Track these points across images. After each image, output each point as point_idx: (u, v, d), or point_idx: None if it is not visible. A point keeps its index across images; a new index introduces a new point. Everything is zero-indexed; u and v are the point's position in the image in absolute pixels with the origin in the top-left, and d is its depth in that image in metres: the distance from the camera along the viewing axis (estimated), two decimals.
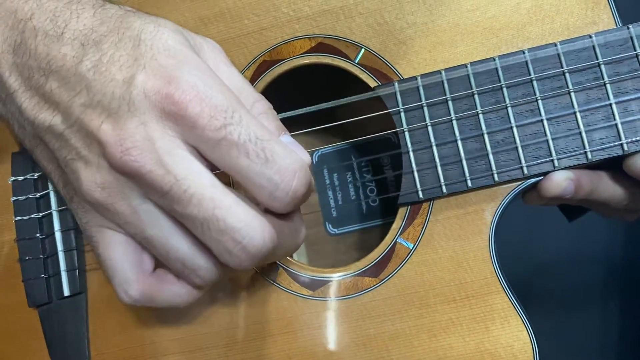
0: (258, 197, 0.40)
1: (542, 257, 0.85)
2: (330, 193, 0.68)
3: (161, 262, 0.44)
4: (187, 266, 0.42)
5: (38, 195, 0.58)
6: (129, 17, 0.41)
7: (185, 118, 0.38)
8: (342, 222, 0.68)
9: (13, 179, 0.58)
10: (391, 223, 0.54)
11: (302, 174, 0.40)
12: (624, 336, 0.83)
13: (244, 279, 0.55)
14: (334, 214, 0.68)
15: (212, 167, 0.41)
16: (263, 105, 0.44)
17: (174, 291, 0.44)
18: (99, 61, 0.40)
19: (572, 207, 0.62)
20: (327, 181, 0.68)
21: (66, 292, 0.57)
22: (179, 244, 0.41)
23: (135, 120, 0.39)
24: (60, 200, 0.58)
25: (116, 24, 0.41)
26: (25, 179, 0.58)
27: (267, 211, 0.42)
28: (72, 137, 0.41)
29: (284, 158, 0.39)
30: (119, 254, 0.44)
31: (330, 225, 0.68)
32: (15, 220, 0.58)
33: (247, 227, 0.39)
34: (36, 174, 0.58)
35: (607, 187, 0.53)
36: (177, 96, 0.38)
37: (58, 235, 0.57)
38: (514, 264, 0.54)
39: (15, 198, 0.58)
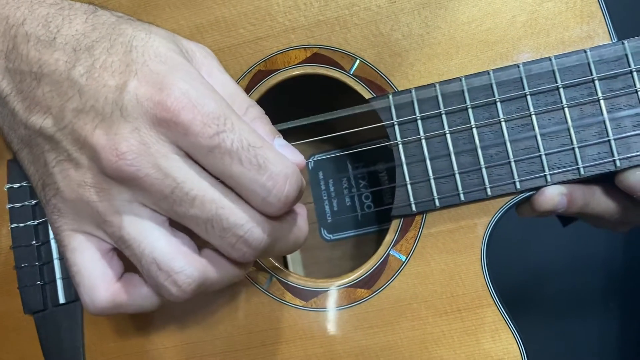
0: (251, 202, 0.41)
1: (539, 262, 0.85)
2: (325, 199, 0.68)
3: (131, 267, 0.43)
4: (162, 267, 0.40)
5: (34, 202, 0.58)
6: (121, 25, 0.42)
7: (178, 125, 0.39)
8: (338, 228, 0.68)
9: (9, 186, 0.59)
10: (386, 230, 0.54)
11: (294, 178, 0.41)
12: (624, 343, 0.83)
13: (239, 288, 0.55)
14: (329, 220, 0.68)
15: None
16: (256, 111, 0.45)
17: (143, 294, 0.44)
18: (91, 67, 0.40)
19: None
20: (323, 187, 0.68)
21: (62, 300, 0.57)
22: (156, 244, 0.41)
23: (129, 125, 0.39)
24: None
25: (108, 30, 0.41)
26: (21, 186, 0.59)
27: None
28: (63, 139, 0.41)
29: (276, 164, 0.40)
30: (87, 259, 0.43)
31: (325, 231, 0.68)
32: (11, 228, 0.58)
33: (248, 223, 0.40)
34: None
35: (600, 202, 0.53)
36: (169, 103, 0.38)
37: (53, 243, 0.57)
38: (510, 270, 0.54)
39: (10, 205, 0.58)
